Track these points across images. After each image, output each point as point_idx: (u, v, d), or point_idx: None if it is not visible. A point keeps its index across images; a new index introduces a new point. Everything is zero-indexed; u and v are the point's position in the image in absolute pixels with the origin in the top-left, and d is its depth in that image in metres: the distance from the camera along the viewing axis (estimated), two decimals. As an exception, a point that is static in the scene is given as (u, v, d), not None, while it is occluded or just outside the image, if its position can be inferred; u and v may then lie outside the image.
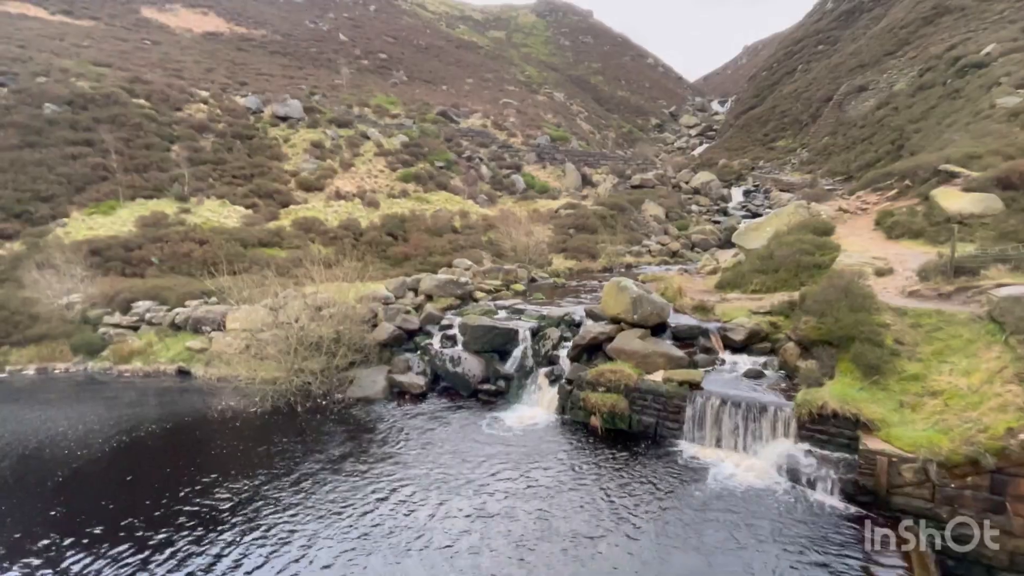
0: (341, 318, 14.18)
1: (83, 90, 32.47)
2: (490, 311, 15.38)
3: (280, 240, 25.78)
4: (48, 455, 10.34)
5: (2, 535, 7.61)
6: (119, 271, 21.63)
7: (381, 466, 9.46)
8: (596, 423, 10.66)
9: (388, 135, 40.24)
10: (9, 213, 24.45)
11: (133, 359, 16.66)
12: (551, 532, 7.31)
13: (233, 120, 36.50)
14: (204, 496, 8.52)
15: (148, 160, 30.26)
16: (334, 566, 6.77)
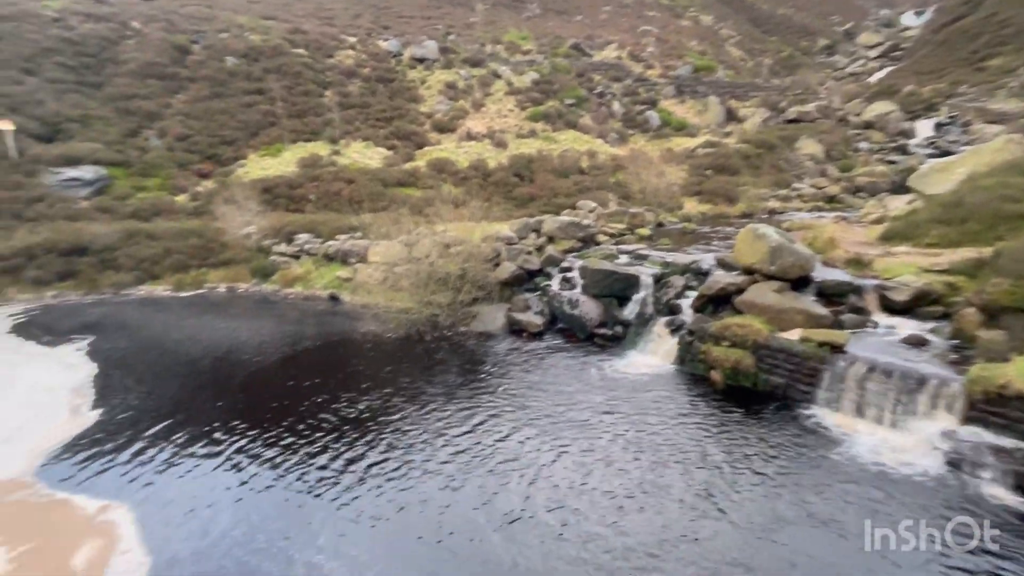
0: (467, 256, 14.86)
1: (255, 43, 36.31)
2: (611, 255, 15.01)
3: (415, 180, 27.30)
4: (234, 358, 12.57)
5: (202, 416, 9.54)
6: (284, 207, 24.70)
7: (494, 397, 10.00)
8: (716, 378, 10.11)
9: (519, 73, 39.66)
10: (204, 156, 28.87)
11: (295, 284, 19.23)
12: (659, 485, 7.21)
13: (376, 64, 38.50)
14: (344, 402, 9.80)
15: (306, 106, 33.40)
16: (435, 481, 7.44)
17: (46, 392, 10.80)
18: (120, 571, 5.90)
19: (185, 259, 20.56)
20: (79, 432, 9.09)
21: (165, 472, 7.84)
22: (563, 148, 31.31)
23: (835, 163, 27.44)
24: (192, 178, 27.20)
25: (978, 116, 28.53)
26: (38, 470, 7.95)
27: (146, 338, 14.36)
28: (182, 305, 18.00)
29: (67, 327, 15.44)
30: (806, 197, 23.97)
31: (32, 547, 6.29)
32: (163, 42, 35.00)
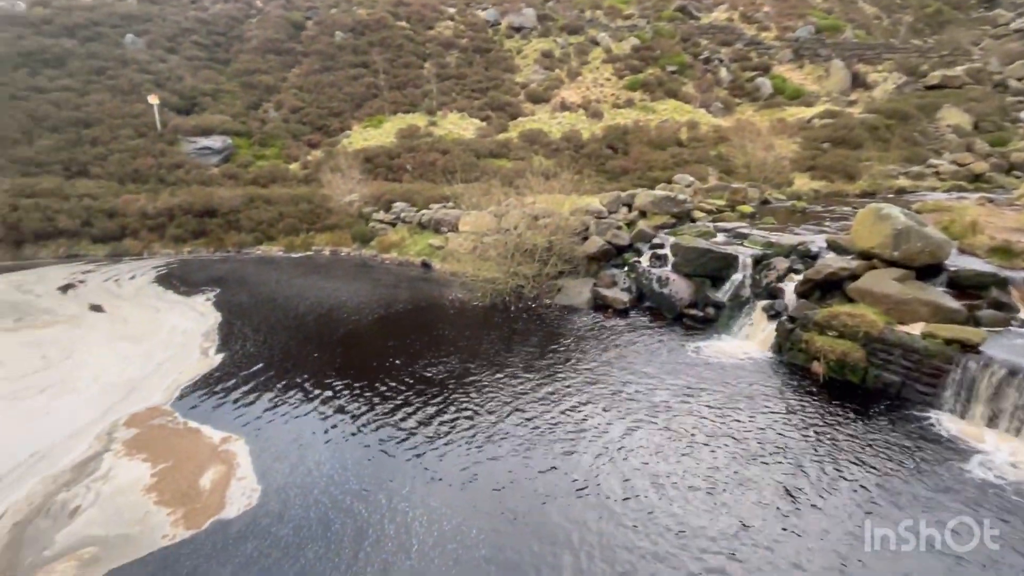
0: (555, 229, 14.76)
1: (361, 17, 37.80)
2: (708, 232, 14.21)
3: (507, 151, 27.40)
4: (335, 317, 13.58)
5: (306, 366, 10.46)
6: (384, 176, 25.91)
7: (572, 371, 9.98)
8: (819, 370, 9.35)
9: (618, 39, 38.02)
10: (314, 127, 30.87)
11: (391, 250, 20.26)
12: (739, 480, 6.83)
13: (474, 35, 38.64)
14: (429, 364, 10.27)
15: (406, 78, 34.45)
16: (507, 446, 7.59)
17: (182, 335, 12.38)
18: (237, 494, 6.71)
19: (296, 223, 22.36)
20: (207, 371, 10.35)
21: (274, 412, 8.73)
22: (661, 119, 29.85)
23: (984, 136, 23.72)
24: (303, 148, 29.28)
25: None
26: (175, 401, 9.19)
27: (262, 293, 15.90)
28: (292, 265, 19.66)
29: (199, 279, 17.48)
30: (944, 175, 21.06)
31: (170, 465, 7.32)
32: (281, 19, 37.49)
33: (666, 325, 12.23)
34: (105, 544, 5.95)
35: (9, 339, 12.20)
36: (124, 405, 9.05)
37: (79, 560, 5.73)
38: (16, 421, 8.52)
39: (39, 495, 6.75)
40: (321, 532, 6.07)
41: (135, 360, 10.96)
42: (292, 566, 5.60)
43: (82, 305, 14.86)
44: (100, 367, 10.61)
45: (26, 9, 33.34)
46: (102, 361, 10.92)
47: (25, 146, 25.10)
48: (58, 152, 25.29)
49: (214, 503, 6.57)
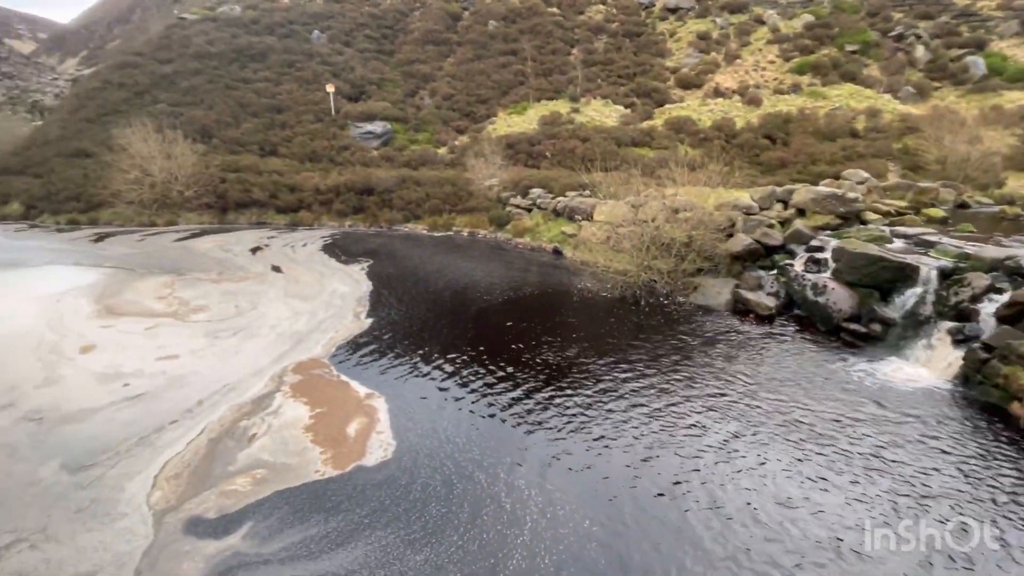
0: (696, 223, 13.94)
1: (514, 5, 38.67)
2: (882, 237, 12.35)
3: (650, 140, 26.36)
4: (469, 294, 14.31)
5: (441, 338, 11.20)
6: (524, 162, 26.50)
7: (704, 377, 9.38)
8: (1019, 412, 7.70)
9: (789, 16, 34.31)
10: (462, 113, 32.50)
11: (525, 235, 20.73)
12: (901, 534, 5.91)
13: (625, 18, 37.54)
14: (554, 350, 10.36)
15: (552, 64, 34.64)
16: (626, 444, 7.35)
17: (340, 299, 13.96)
18: (376, 445, 7.45)
19: (440, 204, 23.85)
20: (358, 333, 11.57)
21: (411, 376, 9.50)
22: (833, 106, 26.49)
23: None
24: (451, 133, 31.02)
25: None
26: (330, 356, 10.42)
27: (407, 267, 17.29)
28: (434, 243, 21.07)
29: (355, 251, 19.53)
30: None
31: (324, 411, 8.35)
32: (441, 11, 39.79)
33: (819, 338, 10.95)
34: (272, 468, 7.00)
35: (214, 288, 14.78)
36: (293, 353, 10.50)
37: (252, 479, 6.82)
38: (216, 357, 10.33)
39: (228, 419, 8.13)
40: (445, 493, 6.50)
41: (303, 316, 12.62)
42: (417, 520, 6.09)
43: (266, 265, 17.46)
44: (276, 318, 12.41)
45: (240, 12, 39.49)
46: (278, 313, 12.76)
47: (233, 128, 29.96)
48: (256, 134, 29.80)
49: (356, 450, 7.37)
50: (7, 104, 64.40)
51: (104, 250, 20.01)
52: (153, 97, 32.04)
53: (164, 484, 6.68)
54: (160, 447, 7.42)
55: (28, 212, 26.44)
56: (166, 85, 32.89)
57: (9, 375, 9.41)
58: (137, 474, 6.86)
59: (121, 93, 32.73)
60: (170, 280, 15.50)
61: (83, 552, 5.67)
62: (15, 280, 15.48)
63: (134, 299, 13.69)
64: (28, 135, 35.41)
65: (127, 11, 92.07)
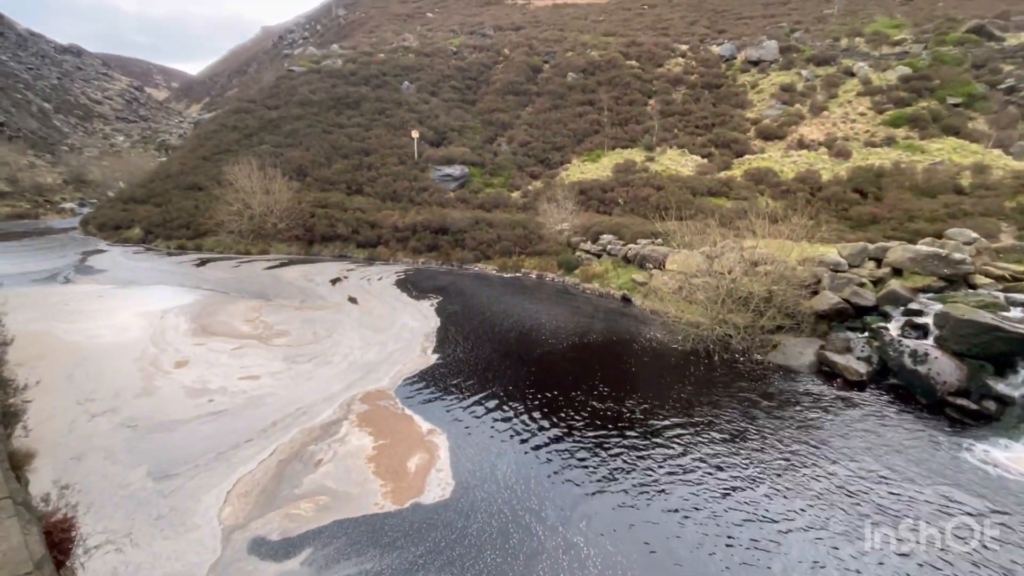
0: (777, 278, 13.24)
1: (593, 58, 39.85)
2: (996, 304, 11.12)
3: (728, 190, 25.72)
4: (533, 337, 14.26)
5: (504, 379, 11.15)
6: (596, 208, 26.59)
7: (782, 446, 8.65)
8: None
9: (881, 68, 32.97)
10: (537, 160, 33.37)
11: (593, 280, 20.56)
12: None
13: (705, 70, 37.58)
14: (617, 401, 9.99)
15: (629, 114, 35.06)
16: (687, 510, 6.82)
17: (409, 333, 14.36)
18: (435, 483, 7.41)
19: (510, 246, 24.27)
20: (424, 368, 11.78)
21: (473, 416, 9.47)
22: (933, 160, 24.79)
23: None
24: (526, 178, 31.82)
25: None
26: (397, 388, 10.64)
27: (474, 305, 17.57)
28: (502, 284, 21.35)
29: (427, 287, 20.15)
30: None
31: (387, 443, 8.47)
32: (523, 64, 41.66)
33: (918, 413, 9.86)
34: (335, 496, 7.12)
35: (295, 315, 15.70)
36: (362, 383, 10.83)
37: (315, 504, 6.96)
38: (292, 380, 10.86)
39: (298, 442, 8.43)
40: (501, 542, 6.31)
41: (374, 347, 13.06)
42: (472, 566, 5.92)
43: (344, 296, 18.38)
44: (349, 347, 12.92)
45: (341, 65, 43.40)
46: (351, 343, 13.29)
47: (326, 168, 32.44)
48: (345, 174, 32.07)
49: (416, 486, 7.36)
50: (140, 143, 73.84)
51: (204, 274, 21.93)
52: (260, 139, 35.53)
53: (235, 501, 6.96)
54: (235, 463, 7.78)
55: (146, 236, 29.68)
56: (272, 128, 36.44)
57: (116, 382, 10.35)
58: (212, 488, 7.20)
59: (234, 135, 36.60)
60: (258, 305, 16.64)
61: (158, 558, 5.96)
62: (130, 297, 17.24)
63: (225, 320, 14.79)
64: (153, 170, 40.25)
65: (245, 64, 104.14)
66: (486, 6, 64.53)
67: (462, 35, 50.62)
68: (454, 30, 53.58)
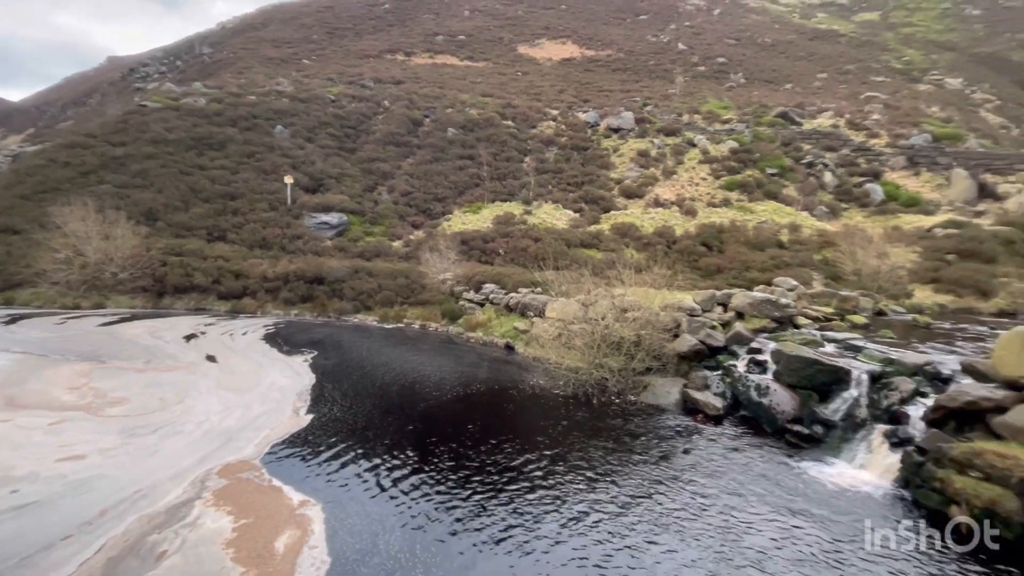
0: (644, 323, 14.40)
1: (472, 116, 41.74)
2: (814, 341, 13.14)
3: (598, 242, 27.84)
4: (417, 390, 13.82)
5: (386, 437, 10.56)
6: (477, 258, 27.15)
7: (654, 480, 9.19)
8: (960, 517, 7.89)
9: (715, 141, 38.65)
10: (419, 210, 33.50)
11: (477, 329, 20.69)
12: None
13: (573, 134, 41.10)
14: (504, 451, 9.95)
15: (507, 170, 36.91)
16: (578, 560, 6.94)
17: (279, 392, 13.12)
18: (307, 564, 6.63)
19: (392, 296, 23.69)
20: (296, 431, 10.76)
21: (352, 481, 8.76)
22: (760, 220, 29.17)
23: None
24: (408, 227, 31.68)
25: None
26: (264, 456, 9.55)
27: (353, 359, 16.66)
28: (384, 335, 20.60)
29: (300, 340, 18.75)
30: (1106, 299, 18.30)
31: (250, 522, 7.46)
32: (403, 117, 42.27)
33: (764, 439, 11.11)
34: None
35: (137, 379, 13.59)
36: (220, 454, 9.55)
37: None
38: (130, 457, 9.24)
39: (135, 533, 7.10)
40: (383, 622, 5.77)
41: (235, 411, 11.68)
42: (350, 655, 5.31)
43: (200, 354, 16.38)
44: (205, 413, 11.41)
45: (205, 104, 40.50)
46: (208, 408, 11.76)
47: (182, 212, 29.42)
48: (206, 219, 29.33)
49: (284, 570, 6.53)
50: (-67, 176, 61.11)
51: (15, 333, 18.28)
52: (99, 178, 31.34)
53: (42, 618, 5.60)
54: (45, 569, 6.31)
55: (-68, 290, 24.16)
56: (115, 167, 32.39)
57: None
58: (9, 606, 5.74)
59: (66, 172, 31.87)
60: (87, 368, 14.17)
61: None
62: (-101, 365, 13.72)
63: (41, 389, 12.33)
64: (-50, 209, 33.29)
65: (84, 94, 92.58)
66: (365, 59, 65.07)
67: (340, 84, 50.23)
68: (332, 78, 53.04)
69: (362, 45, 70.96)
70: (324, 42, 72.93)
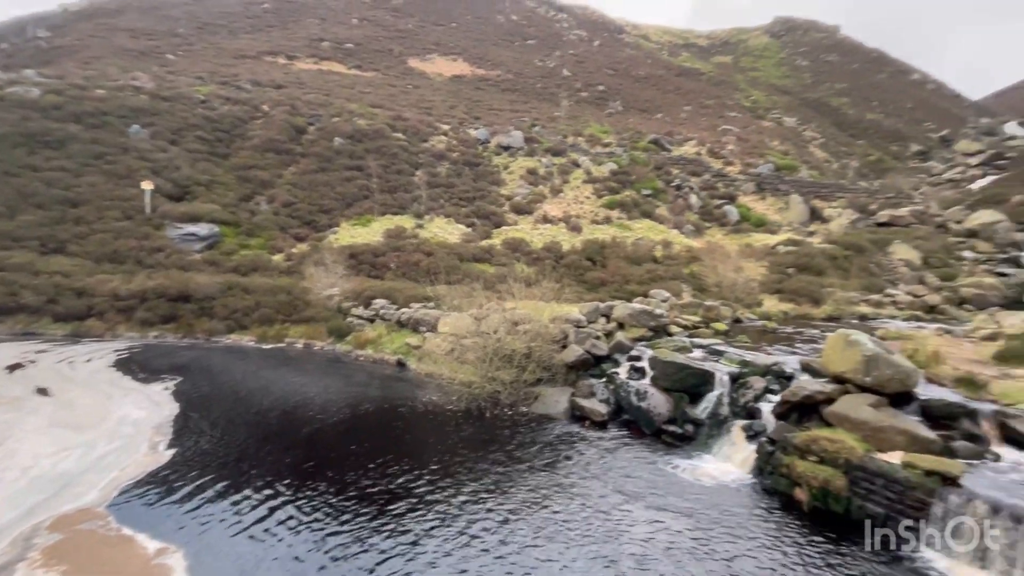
0: (534, 335, 14.82)
1: (361, 127, 40.53)
2: (685, 347, 14.42)
3: (490, 257, 28.25)
4: (300, 413, 12.92)
5: (264, 468, 9.71)
6: (367, 272, 26.20)
7: (545, 487, 9.48)
8: (801, 497, 9.06)
9: (598, 163, 41.26)
10: (303, 221, 31.65)
11: (367, 347, 19.90)
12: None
13: (465, 150, 41.54)
14: (396, 472, 9.64)
15: (398, 183, 36.25)
16: (460, 564, 6.95)
17: (132, 426, 11.52)
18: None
19: (271, 313, 22.01)
20: (153, 469, 9.50)
21: (223, 522, 7.92)
22: (637, 236, 31.52)
23: (934, 271, 25.55)
24: (290, 240, 29.73)
25: (1106, 232, 25.95)
26: (112, 502, 8.30)
27: (225, 384, 15.16)
28: (262, 356, 19.03)
29: (160, 366, 16.68)
30: (901, 304, 22.29)
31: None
32: (285, 123, 39.85)
33: (644, 441, 11.92)
34: None
35: (-63, 421, 11.17)
36: (53, 503, 8.12)
37: None
38: (-79, 519, 7.53)
39: (-74, 614, 5.77)
40: (257, 673, 5.24)
41: (74, 451, 10.05)
42: None
43: (28, 387, 13.89)
44: (33, 457, 9.67)
45: (39, 96, 34.91)
46: (36, 450, 9.98)
47: (6, 220, 24.95)
48: (38, 228, 25.15)
49: (135, 631, 5.69)
50: None
51: None
52: None
53: None
54: None
55: None
56: (-89, 164, 26.62)
57: None
58: None
59: None
60: None
61: None
62: None
63: None
64: None
65: None
66: (241, 59, 60.51)
67: (212, 84, 46.12)
68: (202, 77, 48.53)
69: (238, 44, 65.94)
70: (193, 37, 66.60)
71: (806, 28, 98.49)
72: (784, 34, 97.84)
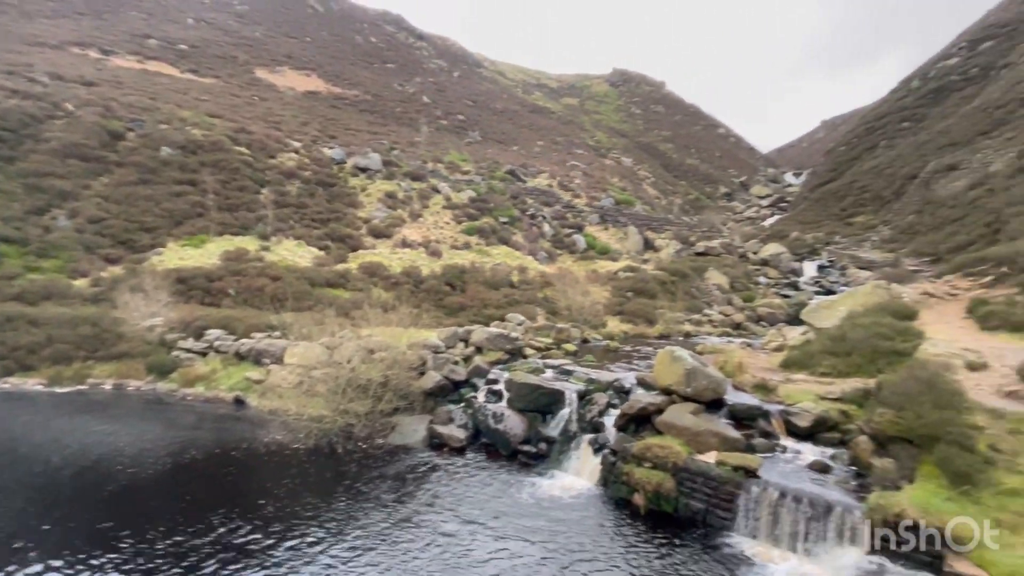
0: (391, 363, 14.38)
1: (195, 137, 36.43)
2: (538, 369, 15.11)
3: (346, 282, 26.96)
4: (104, 468, 10.87)
5: (50, 541, 7.92)
6: (199, 300, 23.27)
7: (402, 524, 9.18)
8: (639, 502, 9.93)
9: (457, 190, 42.04)
10: (116, 240, 27.24)
11: (197, 384, 17.55)
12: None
13: (318, 169, 39.50)
14: (229, 528, 8.57)
15: (240, 201, 33.08)
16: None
17: None
18: None
19: (69, 349, 18.42)
20: None
21: (-21, 619, 6.26)
22: (495, 262, 32.54)
23: (739, 293, 30.30)
24: (99, 263, 25.33)
25: (852, 262, 33.16)
26: None
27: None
28: (55, 403, 15.74)
29: None
30: (716, 323, 25.93)
31: None
32: (95, 126, 34.27)
33: (502, 463, 12.13)
34: None
35: None
36: None
37: None
38: None
39: None
40: None
41: None
42: None
43: None
44: None
45: None
46: None
47: None
48: None
49: None
50: None
51: None
52: None
53: None
54: None
55: None
56: None
57: None
58: None
59: None
60: None
61: None
62: None
63: None
64: None
65: None
66: (38, 46, 50.88)
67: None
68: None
69: (33, 29, 55.39)
70: (-35, 13, 54.44)
71: (638, 81, 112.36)
72: (621, 84, 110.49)
